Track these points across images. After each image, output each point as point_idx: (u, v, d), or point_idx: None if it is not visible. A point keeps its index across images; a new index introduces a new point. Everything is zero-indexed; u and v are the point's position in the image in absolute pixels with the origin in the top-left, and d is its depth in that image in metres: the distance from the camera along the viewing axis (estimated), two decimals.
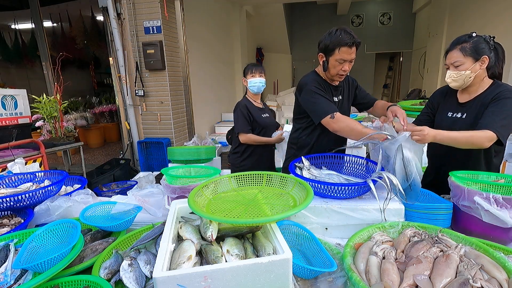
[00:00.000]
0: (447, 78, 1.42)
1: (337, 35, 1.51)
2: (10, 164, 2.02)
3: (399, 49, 10.48)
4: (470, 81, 1.38)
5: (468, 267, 0.82)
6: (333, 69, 1.59)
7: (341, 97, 1.77)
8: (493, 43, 1.37)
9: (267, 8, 8.62)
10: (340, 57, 1.53)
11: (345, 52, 1.51)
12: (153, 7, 4.02)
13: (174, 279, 0.69)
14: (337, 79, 1.66)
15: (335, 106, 1.65)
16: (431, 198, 1.36)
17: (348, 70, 1.59)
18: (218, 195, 1.13)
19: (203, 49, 5.58)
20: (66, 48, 6.53)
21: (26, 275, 0.90)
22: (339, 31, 1.51)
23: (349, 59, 1.54)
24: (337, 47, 1.51)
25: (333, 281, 0.92)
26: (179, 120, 4.61)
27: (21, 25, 7.11)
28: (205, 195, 1.08)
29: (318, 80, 1.67)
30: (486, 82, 1.41)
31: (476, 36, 1.36)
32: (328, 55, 1.57)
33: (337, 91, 1.75)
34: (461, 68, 1.36)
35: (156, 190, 1.52)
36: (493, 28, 4.91)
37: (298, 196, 1.05)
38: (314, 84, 1.64)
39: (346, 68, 1.57)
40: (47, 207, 1.34)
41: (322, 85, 1.66)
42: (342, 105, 1.78)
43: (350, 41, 1.48)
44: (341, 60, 1.54)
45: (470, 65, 1.35)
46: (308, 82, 1.67)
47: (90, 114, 6.50)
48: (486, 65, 1.35)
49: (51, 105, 3.42)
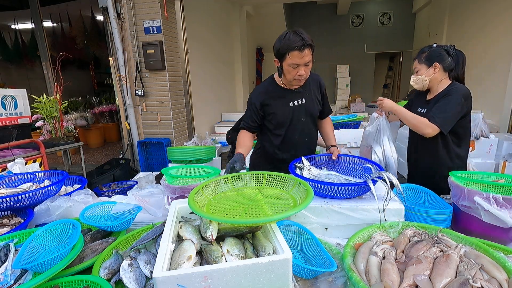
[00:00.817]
0: (411, 81, 1.73)
1: (286, 39, 1.42)
2: (10, 164, 2.02)
3: (399, 49, 10.48)
4: (427, 83, 1.65)
5: (468, 267, 0.82)
6: (288, 75, 1.51)
7: (304, 100, 1.67)
8: (454, 51, 1.62)
9: (267, 8, 8.62)
10: (291, 62, 1.44)
11: (296, 56, 1.42)
12: (153, 7, 4.02)
13: (174, 279, 0.69)
14: (295, 84, 1.58)
15: (251, 122, 1.69)
16: (431, 199, 1.36)
17: (306, 74, 1.50)
18: (218, 195, 1.13)
19: (203, 49, 5.59)
20: (66, 48, 6.52)
21: (26, 275, 0.90)
22: (289, 34, 1.43)
23: (302, 63, 1.45)
24: (287, 51, 1.42)
25: (333, 281, 0.92)
26: (179, 120, 4.61)
27: (21, 25, 7.11)
28: (205, 195, 1.08)
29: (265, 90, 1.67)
30: (445, 83, 1.64)
31: (436, 47, 1.64)
32: (281, 60, 1.49)
33: (297, 95, 1.66)
34: (418, 73, 1.67)
35: (156, 190, 1.52)
36: (493, 28, 4.90)
37: (298, 196, 1.05)
38: (255, 95, 1.68)
39: (302, 73, 1.47)
40: (47, 207, 1.34)
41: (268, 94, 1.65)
42: (305, 109, 1.68)
43: (299, 44, 1.39)
44: (294, 65, 1.45)
45: (424, 71, 1.65)
46: (253, 92, 1.72)
47: (90, 114, 6.50)
48: (440, 70, 1.61)
49: (51, 105, 3.42)
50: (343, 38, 10.64)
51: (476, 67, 5.40)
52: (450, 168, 1.56)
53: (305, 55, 1.42)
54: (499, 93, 4.50)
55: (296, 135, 1.71)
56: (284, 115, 1.65)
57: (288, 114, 1.65)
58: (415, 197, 1.44)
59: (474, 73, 5.42)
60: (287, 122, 1.66)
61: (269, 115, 1.66)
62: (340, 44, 10.64)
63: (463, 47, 6.10)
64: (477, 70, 5.31)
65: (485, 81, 5.06)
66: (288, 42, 1.41)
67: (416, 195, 1.44)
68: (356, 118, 3.60)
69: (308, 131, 1.75)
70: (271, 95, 1.65)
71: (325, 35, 10.63)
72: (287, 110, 1.65)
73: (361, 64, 10.63)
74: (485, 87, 5.01)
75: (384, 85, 11.74)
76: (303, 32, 1.43)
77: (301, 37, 1.40)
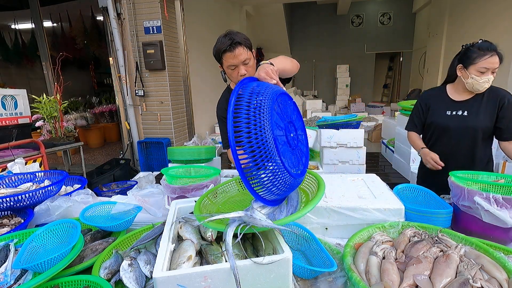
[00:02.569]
0: (485, 82, 1.52)
1: (217, 43, 1.41)
2: (10, 164, 2.02)
3: (399, 49, 10.48)
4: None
5: (468, 267, 0.82)
6: (231, 77, 1.49)
7: None
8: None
9: (267, 8, 8.62)
10: (228, 64, 1.41)
11: (229, 57, 1.38)
12: (153, 7, 4.02)
13: (174, 279, 0.69)
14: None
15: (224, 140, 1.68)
16: (431, 199, 1.36)
17: (248, 72, 1.43)
18: (227, 199, 1.11)
19: (203, 49, 5.58)
20: (66, 48, 6.53)
21: (26, 275, 0.90)
22: (220, 38, 1.40)
23: (239, 63, 1.40)
24: (221, 55, 1.41)
25: (333, 281, 0.92)
26: (179, 120, 4.61)
27: (21, 25, 7.11)
28: (212, 202, 1.07)
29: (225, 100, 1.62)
30: None
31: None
32: (222, 65, 1.47)
33: None
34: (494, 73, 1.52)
35: (156, 190, 1.52)
36: (493, 28, 4.91)
37: (310, 190, 0.99)
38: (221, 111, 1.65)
39: (243, 72, 1.41)
40: (47, 207, 1.34)
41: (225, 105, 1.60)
42: None
43: (228, 44, 1.36)
44: (232, 66, 1.41)
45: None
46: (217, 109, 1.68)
47: (90, 114, 6.50)
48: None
49: (51, 105, 3.42)
50: (343, 38, 10.64)
51: None
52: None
53: (238, 54, 1.38)
54: None
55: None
56: None
57: None
58: (415, 197, 1.43)
59: None
60: None
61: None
62: (340, 44, 10.65)
63: None
64: None
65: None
66: (219, 45, 1.39)
67: (416, 195, 1.44)
68: (356, 118, 3.59)
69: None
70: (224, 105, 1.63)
71: (325, 35, 10.63)
72: None
73: (361, 64, 10.63)
74: None
75: (384, 85, 11.74)
76: (234, 32, 1.40)
77: (230, 37, 1.37)
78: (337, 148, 3.37)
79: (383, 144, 4.88)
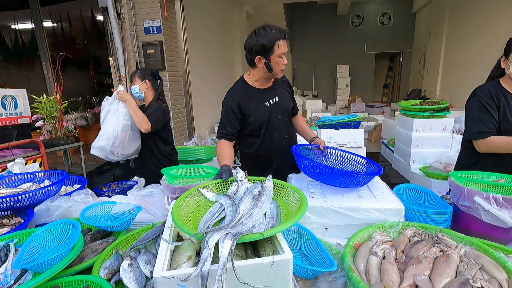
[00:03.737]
0: None
1: (268, 33, 1.48)
2: (10, 164, 2.02)
3: (399, 49, 10.49)
4: None
5: (468, 267, 0.82)
6: (277, 66, 1.56)
7: (277, 98, 1.71)
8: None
9: (267, 8, 8.62)
10: (280, 51, 1.51)
11: (283, 45, 1.50)
12: (153, 7, 4.02)
13: (174, 279, 0.69)
14: (280, 76, 1.63)
15: (230, 129, 1.65)
16: (431, 199, 1.36)
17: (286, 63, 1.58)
18: (201, 205, 1.05)
19: (203, 49, 5.58)
20: (66, 48, 6.52)
21: (26, 275, 0.90)
22: (265, 29, 1.49)
23: (286, 51, 1.55)
24: (275, 42, 1.48)
25: (333, 281, 0.92)
26: (179, 120, 4.61)
27: (21, 25, 7.10)
28: (189, 206, 1.01)
29: (238, 93, 1.67)
30: None
31: None
32: (268, 54, 1.52)
33: (269, 93, 1.70)
34: None
35: (156, 190, 1.52)
36: (492, 28, 4.91)
37: (290, 203, 1.01)
38: (229, 100, 1.66)
39: (285, 61, 1.56)
40: (47, 207, 1.34)
41: (243, 97, 1.65)
42: (280, 106, 1.72)
43: (283, 33, 1.49)
44: (282, 54, 1.52)
45: None
46: (226, 97, 1.68)
47: (90, 114, 6.49)
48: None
49: (51, 105, 3.42)
50: (343, 38, 10.64)
51: (476, 66, 5.40)
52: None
53: (286, 44, 1.53)
54: None
55: (276, 133, 1.73)
56: (261, 115, 1.67)
57: (265, 114, 1.67)
58: (415, 197, 1.44)
59: (474, 72, 5.42)
60: (266, 122, 1.68)
61: (248, 118, 1.66)
62: (340, 44, 10.65)
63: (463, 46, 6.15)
64: (477, 69, 5.31)
65: (485, 79, 5.05)
66: (273, 35, 1.47)
67: (416, 195, 1.44)
68: (356, 118, 3.59)
69: (286, 127, 1.79)
70: (245, 97, 1.65)
71: (325, 35, 10.64)
72: (264, 110, 1.67)
73: (361, 64, 10.64)
74: None
75: (384, 85, 11.75)
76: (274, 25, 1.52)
77: (278, 28, 1.50)
78: None
79: (383, 144, 4.88)
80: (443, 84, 7.20)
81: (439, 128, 3.48)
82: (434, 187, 3.04)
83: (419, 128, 3.50)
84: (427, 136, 3.50)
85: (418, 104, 3.64)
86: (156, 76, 2.43)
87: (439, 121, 3.46)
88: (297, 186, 1.16)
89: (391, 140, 4.65)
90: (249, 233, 0.78)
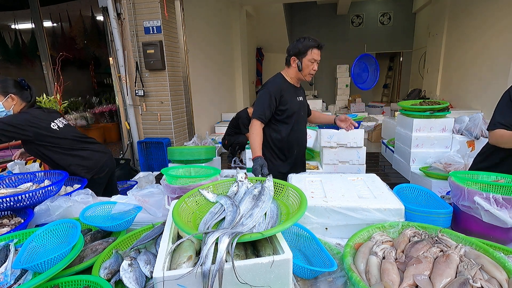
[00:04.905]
0: None
1: (307, 40, 1.86)
2: (10, 164, 2.02)
3: (399, 49, 10.48)
4: None
5: (468, 267, 0.82)
6: (307, 69, 1.90)
7: (302, 98, 2.07)
8: None
9: (267, 8, 8.62)
10: (311, 57, 1.86)
11: (315, 53, 1.86)
12: (153, 7, 4.02)
13: (174, 279, 0.69)
14: (308, 78, 1.97)
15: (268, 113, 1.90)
16: (431, 199, 1.36)
17: (316, 70, 1.93)
18: (202, 206, 1.03)
19: (203, 49, 5.59)
20: (66, 48, 6.52)
21: (26, 275, 0.90)
22: (307, 38, 1.87)
23: (317, 59, 1.89)
24: (309, 48, 1.85)
25: (333, 281, 0.92)
26: (179, 120, 4.61)
27: (21, 25, 7.10)
28: (189, 207, 1.00)
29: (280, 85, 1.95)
30: None
31: None
32: (301, 57, 1.88)
33: (300, 92, 2.07)
34: None
35: (156, 190, 1.52)
36: (492, 27, 4.90)
37: (290, 203, 1.01)
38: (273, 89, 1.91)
39: (316, 68, 1.91)
40: (47, 207, 1.34)
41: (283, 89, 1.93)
42: (303, 105, 2.09)
43: (318, 43, 1.86)
44: (313, 59, 1.87)
45: None
46: (270, 86, 1.93)
47: (90, 114, 6.50)
48: None
49: (51, 105, 3.42)
50: (343, 38, 10.64)
51: (476, 66, 5.40)
52: None
53: (319, 53, 1.88)
54: (499, 91, 4.49)
55: (302, 125, 2.09)
56: (294, 106, 1.98)
57: (297, 106, 2.00)
58: (415, 197, 1.44)
59: (474, 71, 5.42)
60: (296, 113, 1.99)
61: (285, 105, 1.94)
62: (340, 44, 10.64)
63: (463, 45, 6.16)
64: (477, 69, 5.31)
65: (485, 79, 5.06)
66: (309, 42, 1.85)
67: (416, 195, 1.44)
68: (356, 118, 3.59)
69: (304, 123, 2.14)
70: (286, 89, 1.96)
71: (325, 35, 10.62)
72: (296, 103, 2.00)
73: None
74: (485, 86, 5.01)
75: (384, 85, 11.74)
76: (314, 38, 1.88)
77: (315, 39, 1.87)
78: (337, 148, 3.37)
79: (383, 144, 4.88)
80: (443, 84, 7.20)
81: (439, 128, 3.48)
82: (434, 187, 3.04)
83: (419, 128, 3.51)
84: (427, 136, 3.50)
85: (418, 104, 3.64)
86: (23, 86, 1.98)
87: (439, 121, 3.46)
88: (297, 186, 1.16)
89: (391, 140, 4.65)
90: (249, 233, 0.78)
